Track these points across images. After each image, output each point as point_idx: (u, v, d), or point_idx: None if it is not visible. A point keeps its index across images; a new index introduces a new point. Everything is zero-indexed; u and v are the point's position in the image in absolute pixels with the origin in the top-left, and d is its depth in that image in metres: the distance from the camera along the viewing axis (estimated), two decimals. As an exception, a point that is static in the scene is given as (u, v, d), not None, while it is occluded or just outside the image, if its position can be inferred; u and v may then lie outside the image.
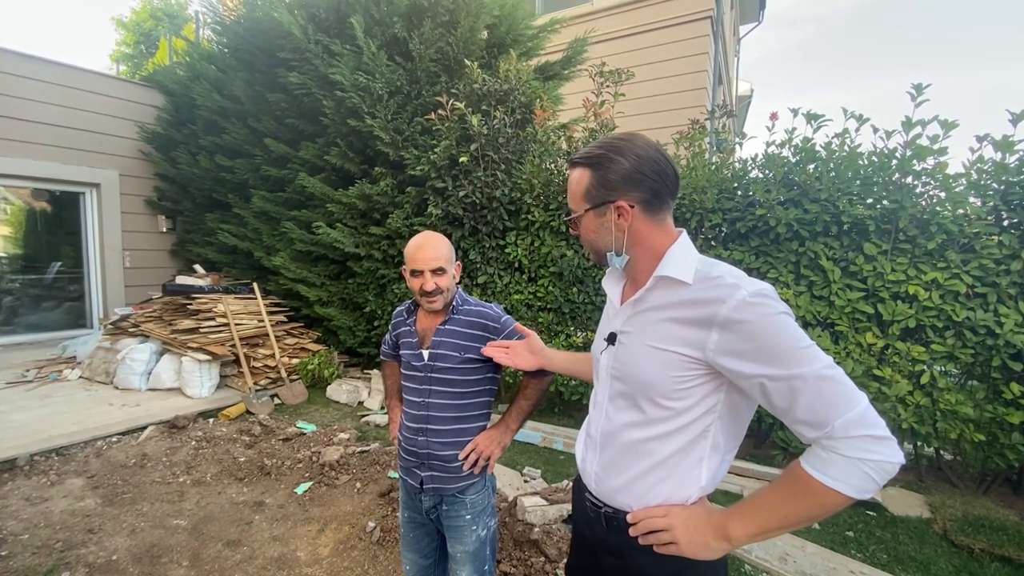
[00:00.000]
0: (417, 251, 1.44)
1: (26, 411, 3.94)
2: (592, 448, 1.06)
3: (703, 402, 0.90)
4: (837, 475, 0.75)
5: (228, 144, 5.71)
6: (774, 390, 0.79)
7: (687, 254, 0.94)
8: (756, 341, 0.80)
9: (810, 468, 0.78)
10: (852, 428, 0.74)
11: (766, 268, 3.23)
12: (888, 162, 2.89)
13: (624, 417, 0.98)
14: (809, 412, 0.77)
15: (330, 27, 4.79)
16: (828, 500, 0.76)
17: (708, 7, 6.64)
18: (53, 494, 2.84)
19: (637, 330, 0.96)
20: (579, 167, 0.99)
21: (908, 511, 2.80)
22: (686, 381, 0.89)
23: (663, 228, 0.97)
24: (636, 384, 0.95)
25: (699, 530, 0.88)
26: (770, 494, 0.84)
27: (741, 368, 0.82)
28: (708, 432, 0.91)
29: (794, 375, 0.77)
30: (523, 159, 4.15)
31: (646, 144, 0.95)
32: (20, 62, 6.08)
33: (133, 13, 20.36)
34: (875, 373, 2.87)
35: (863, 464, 0.73)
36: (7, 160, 6.02)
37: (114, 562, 2.28)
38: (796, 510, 0.80)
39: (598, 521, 1.03)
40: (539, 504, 2.58)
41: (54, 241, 7.10)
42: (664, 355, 0.90)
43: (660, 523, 0.91)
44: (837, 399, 0.75)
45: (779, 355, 0.78)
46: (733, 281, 0.85)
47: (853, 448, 0.74)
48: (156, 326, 4.93)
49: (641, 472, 0.95)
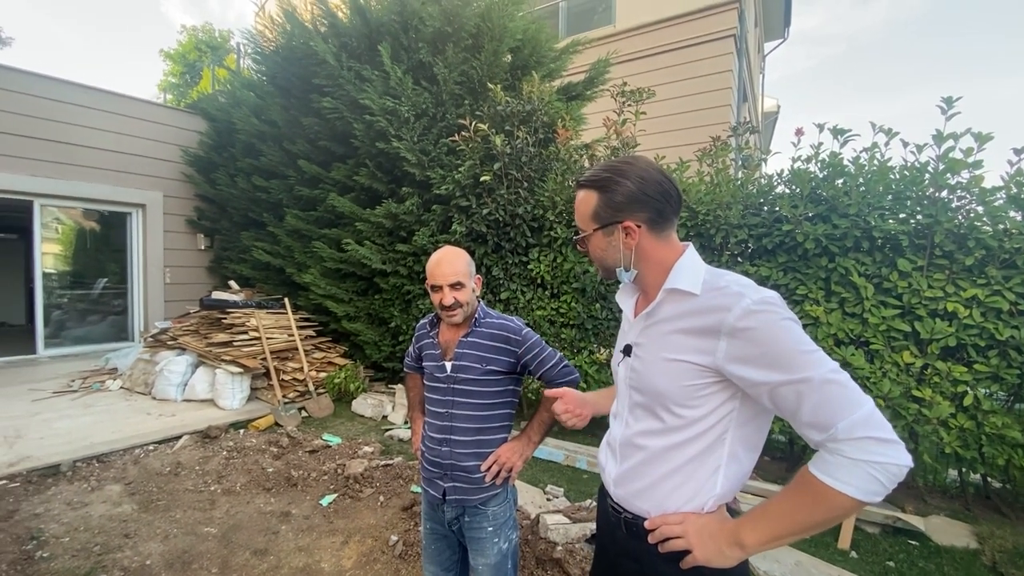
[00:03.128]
0: (436, 267, 1.47)
1: (70, 419, 4.14)
2: (612, 456, 1.08)
3: (718, 410, 0.91)
4: (843, 477, 0.75)
5: (264, 166, 5.99)
6: (781, 395, 0.81)
7: (694, 266, 0.97)
8: (762, 347, 0.82)
9: (817, 471, 0.78)
10: (856, 430, 0.74)
11: (795, 284, 3.16)
12: (920, 176, 2.82)
13: (642, 425, 1.00)
14: (814, 415, 0.78)
15: (361, 54, 5.02)
16: (836, 503, 0.76)
17: (731, 26, 6.67)
18: (93, 499, 2.96)
19: (650, 342, 0.99)
20: (585, 189, 1.03)
21: (954, 541, 2.64)
22: (700, 389, 0.91)
23: (669, 243, 1.01)
24: (652, 393, 0.97)
25: (713, 537, 0.89)
26: (780, 500, 0.85)
27: (749, 375, 0.84)
28: (724, 439, 0.92)
29: (800, 379, 0.78)
30: (546, 177, 4.21)
31: (648, 165, 0.99)
32: (75, 92, 6.57)
33: (180, 46, 21.71)
34: (914, 394, 2.75)
35: (868, 466, 0.73)
36: (63, 183, 6.46)
37: (148, 567, 2.35)
38: (806, 515, 0.80)
39: (618, 526, 1.05)
40: (562, 522, 2.55)
41: (101, 258, 7.52)
42: (677, 365, 0.92)
43: (676, 530, 0.92)
44: (841, 402, 0.76)
45: (784, 360, 0.80)
46: (738, 290, 0.88)
47: (858, 450, 0.74)
48: (193, 339, 5.13)
49: (658, 478, 0.97)
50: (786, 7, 10.04)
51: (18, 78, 6.16)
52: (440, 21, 4.60)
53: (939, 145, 2.76)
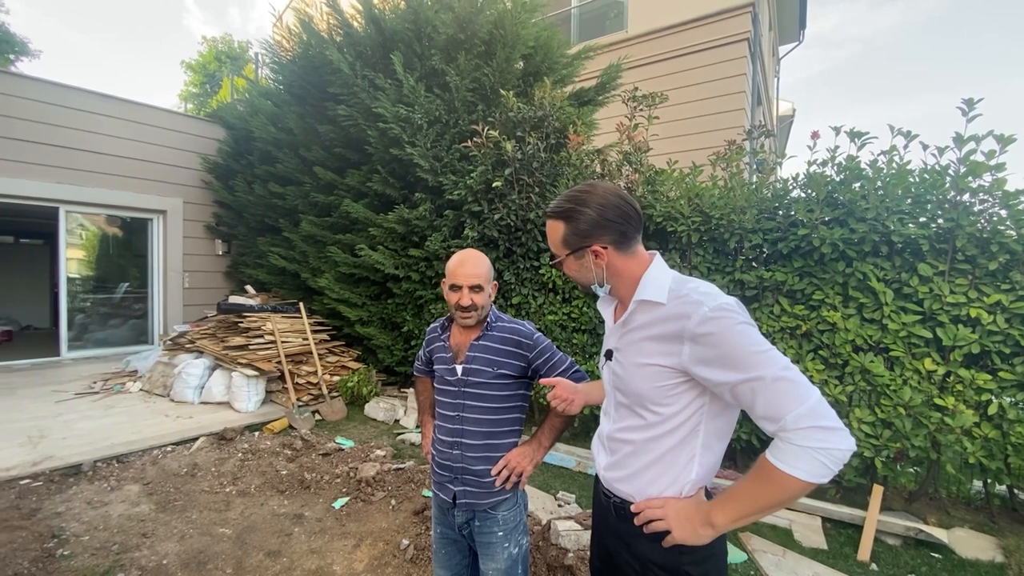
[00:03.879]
0: (458, 267, 1.48)
1: (92, 420, 4.24)
2: (603, 448, 1.21)
3: (690, 406, 1.02)
4: (793, 463, 0.85)
5: (281, 173, 6.10)
6: (740, 392, 0.90)
7: (660, 276, 1.06)
8: (719, 349, 0.92)
9: (772, 458, 0.88)
10: (802, 420, 0.84)
11: (811, 289, 3.11)
12: (941, 179, 2.76)
13: (625, 423, 1.12)
14: (767, 409, 0.87)
15: (376, 63, 5.09)
16: (789, 485, 0.86)
17: (745, 29, 6.63)
18: (112, 499, 3.02)
19: (626, 347, 1.10)
20: (552, 219, 1.13)
21: (978, 554, 2.56)
22: (671, 389, 1.01)
23: (635, 258, 1.11)
24: (632, 394, 1.08)
25: (688, 519, 1.00)
26: (744, 484, 0.95)
27: (710, 375, 0.94)
28: (698, 432, 1.03)
29: (754, 377, 0.88)
30: (557, 182, 4.21)
31: (607, 191, 1.09)
32: (100, 102, 6.78)
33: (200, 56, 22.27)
34: (936, 402, 2.68)
35: (815, 452, 0.83)
36: (87, 190, 6.65)
37: (164, 566, 2.39)
38: (765, 496, 0.91)
39: (609, 509, 1.17)
40: (574, 528, 2.53)
41: (123, 263, 7.72)
42: (649, 369, 1.03)
43: (657, 513, 1.04)
44: (790, 396, 0.85)
45: (740, 361, 0.90)
46: (698, 298, 0.97)
47: (804, 438, 0.84)
48: (210, 343, 5.22)
49: (641, 467, 1.09)
50: (801, 10, 9.94)
51: (45, 89, 6.38)
52: (453, 28, 4.66)
53: (960, 147, 2.70)
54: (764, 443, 3.25)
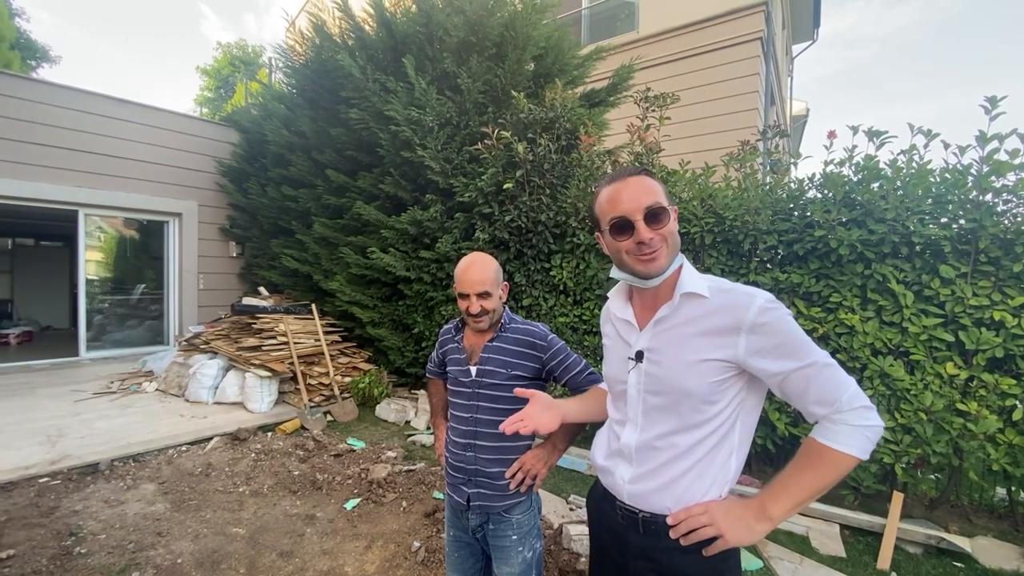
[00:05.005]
0: (464, 274, 1.48)
1: (109, 419, 4.30)
2: (624, 461, 1.11)
3: (732, 401, 1.02)
4: (847, 442, 0.90)
5: (294, 175, 6.16)
6: (792, 380, 0.94)
7: (696, 273, 1.06)
8: (777, 338, 0.95)
9: (824, 440, 0.93)
10: (855, 401, 0.91)
11: (828, 292, 3.06)
12: (963, 179, 2.70)
13: (661, 427, 1.05)
14: (821, 393, 0.93)
15: (387, 66, 5.12)
16: (843, 463, 0.91)
17: (758, 28, 6.56)
18: (128, 498, 3.06)
19: (667, 345, 1.04)
20: (651, 177, 1.05)
21: (1002, 563, 2.49)
22: (721, 384, 1.00)
23: None
24: (676, 394, 1.02)
25: (740, 517, 0.97)
26: (796, 471, 0.96)
27: (767, 365, 0.95)
28: (735, 426, 1.03)
29: (808, 364, 0.93)
30: (568, 184, 4.20)
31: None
32: (117, 106, 6.90)
33: (215, 62, 22.62)
34: (959, 407, 2.62)
35: (864, 430, 0.90)
36: (105, 193, 6.78)
37: (179, 565, 2.41)
38: (821, 479, 0.93)
39: (633, 528, 1.08)
40: (586, 533, 2.50)
41: (139, 265, 7.85)
42: (703, 365, 0.99)
43: (702, 519, 0.98)
44: (840, 381, 0.93)
45: (795, 349, 0.94)
46: (748, 290, 0.99)
47: (857, 417, 0.91)
48: (224, 343, 5.28)
49: (680, 473, 1.03)
50: (815, 9, 9.81)
51: (64, 94, 6.51)
52: (464, 31, 4.67)
53: (983, 146, 2.64)
54: (780, 447, 3.20)
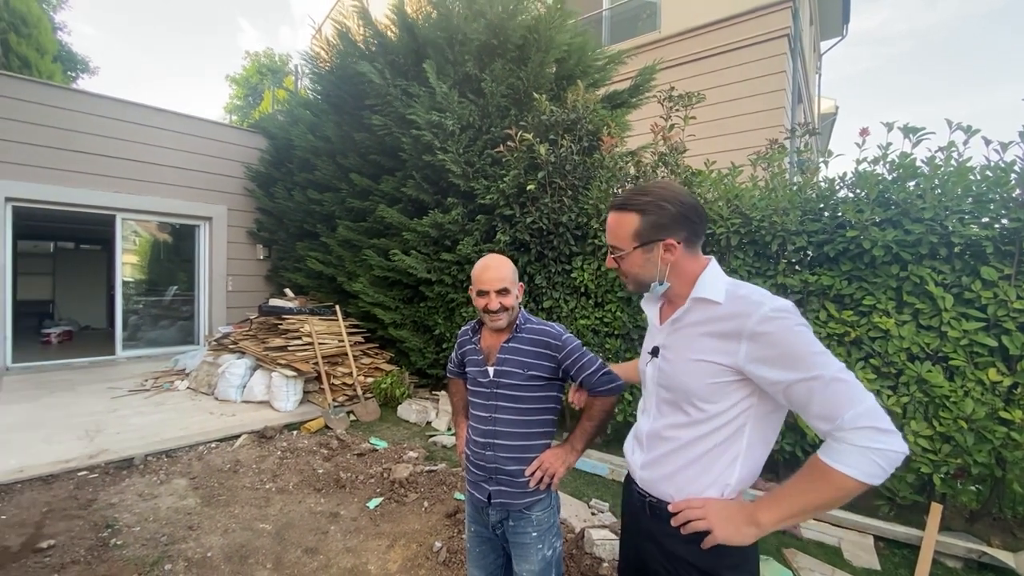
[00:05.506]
0: (483, 272, 1.51)
1: (143, 416, 4.46)
2: (639, 446, 1.21)
3: (737, 405, 1.02)
4: (849, 462, 0.86)
5: (319, 179, 6.29)
6: (794, 391, 0.92)
7: (718, 278, 1.09)
8: (777, 348, 0.94)
9: (825, 458, 0.89)
10: (860, 420, 0.85)
11: (861, 294, 2.95)
12: (1006, 176, 2.58)
13: (668, 419, 1.12)
14: (823, 408, 0.89)
15: (408, 70, 5.19)
16: (843, 485, 0.87)
17: (785, 25, 6.41)
18: (161, 492, 3.16)
19: (677, 344, 1.11)
20: (624, 211, 1.13)
21: (1055, 583, 2.36)
22: (722, 387, 1.02)
23: (696, 258, 1.13)
24: (679, 390, 1.08)
25: (731, 518, 0.99)
26: (793, 484, 0.95)
27: (767, 374, 0.95)
28: (743, 432, 1.03)
29: (811, 377, 0.89)
30: (590, 185, 4.17)
31: (682, 190, 1.12)
32: (152, 115, 7.18)
33: (244, 70, 23.30)
34: (1002, 415, 2.49)
35: (871, 452, 0.84)
36: (141, 198, 7.04)
37: (209, 559, 2.48)
38: (816, 496, 0.91)
39: (643, 510, 1.16)
40: (608, 538, 2.48)
41: (172, 268, 8.12)
42: (701, 365, 1.04)
43: (697, 512, 1.03)
44: (847, 396, 0.87)
45: (797, 360, 0.91)
46: (758, 299, 1.00)
47: (861, 438, 0.85)
48: (251, 344, 5.41)
49: (682, 465, 1.08)
50: (844, 3, 9.55)
51: (103, 104, 6.80)
52: (486, 35, 4.69)
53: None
54: (808, 454, 3.09)
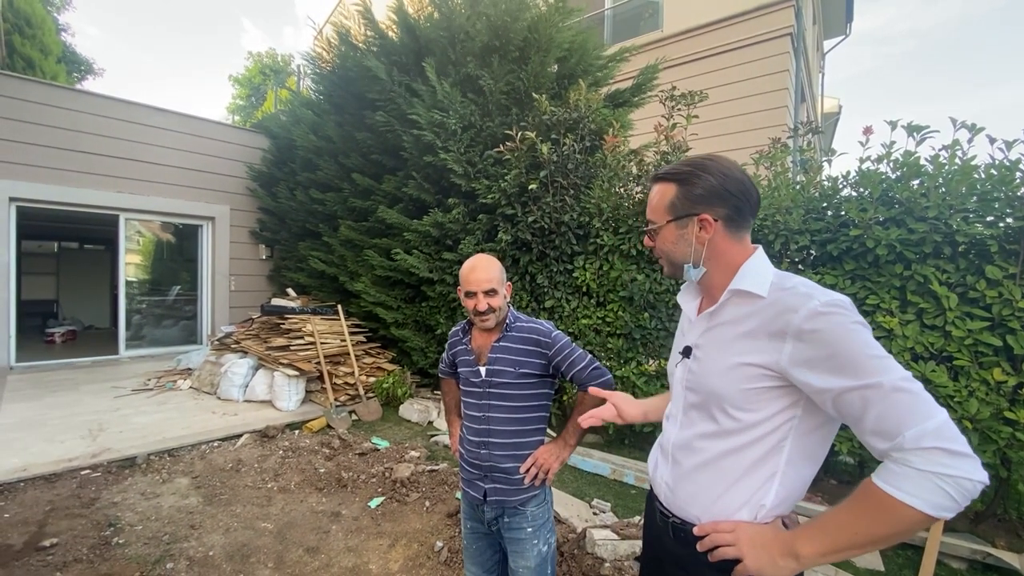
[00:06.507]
0: (470, 273, 1.52)
1: (146, 415, 4.47)
2: (664, 460, 1.07)
3: (778, 416, 0.88)
4: (910, 489, 0.71)
5: (321, 179, 6.30)
6: (846, 400, 0.77)
7: (762, 268, 0.95)
8: (828, 349, 0.79)
9: (881, 482, 0.74)
10: (926, 440, 0.70)
11: (864, 294, 2.94)
12: (1011, 175, 2.56)
13: (697, 428, 0.98)
14: (880, 422, 0.74)
15: (410, 69, 5.19)
16: (902, 516, 0.72)
17: (787, 24, 6.39)
18: (164, 491, 3.17)
19: (711, 344, 0.98)
20: (663, 182, 1.02)
21: (1060, 585, 2.34)
22: (759, 393, 0.88)
23: (741, 244, 0.99)
24: (708, 395, 0.95)
25: (766, 547, 0.86)
26: (841, 511, 0.80)
27: (813, 380, 0.81)
28: (783, 447, 0.89)
29: (867, 384, 0.75)
30: (592, 184, 4.16)
31: (731, 164, 0.99)
32: (155, 115, 7.19)
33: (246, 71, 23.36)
34: (1007, 416, 2.48)
35: (938, 479, 0.69)
36: (144, 198, 7.06)
37: (210, 558, 2.48)
38: (868, 527, 0.75)
39: (666, 531, 1.03)
40: (610, 538, 2.47)
41: (175, 267, 8.14)
42: (737, 367, 0.90)
43: (727, 538, 0.90)
44: (911, 411, 0.72)
45: (851, 364, 0.77)
46: (806, 291, 0.85)
47: (926, 461, 0.70)
48: (254, 343, 5.42)
49: (709, 483, 0.95)
50: (848, 1, 9.51)
51: (107, 104, 6.82)
52: (488, 35, 4.69)
53: (1033, 140, 2.50)
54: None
